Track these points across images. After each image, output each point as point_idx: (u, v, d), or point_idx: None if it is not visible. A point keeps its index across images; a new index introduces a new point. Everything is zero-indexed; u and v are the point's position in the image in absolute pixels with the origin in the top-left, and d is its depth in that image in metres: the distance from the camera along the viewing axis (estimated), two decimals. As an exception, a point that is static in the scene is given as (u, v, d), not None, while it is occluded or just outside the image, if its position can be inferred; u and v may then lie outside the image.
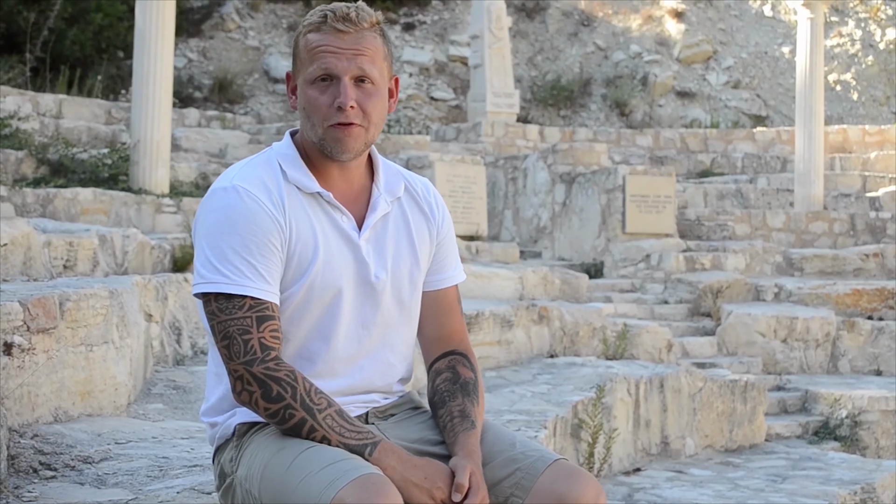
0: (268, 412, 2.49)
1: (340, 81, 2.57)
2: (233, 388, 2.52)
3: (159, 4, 11.22)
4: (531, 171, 15.56)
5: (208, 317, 2.55)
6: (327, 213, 2.63)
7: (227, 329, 2.51)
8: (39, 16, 17.49)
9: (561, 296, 10.72)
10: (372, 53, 2.59)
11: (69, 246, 6.20)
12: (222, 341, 2.51)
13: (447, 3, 23.95)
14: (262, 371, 2.48)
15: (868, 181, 17.24)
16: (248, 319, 2.50)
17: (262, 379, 2.48)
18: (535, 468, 2.54)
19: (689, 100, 22.73)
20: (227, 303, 2.51)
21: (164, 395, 5.05)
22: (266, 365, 2.49)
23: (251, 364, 2.48)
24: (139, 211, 10.63)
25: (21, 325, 3.74)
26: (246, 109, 20.57)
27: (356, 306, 2.65)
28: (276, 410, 2.48)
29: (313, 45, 2.58)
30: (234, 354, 2.50)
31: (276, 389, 2.47)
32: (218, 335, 2.52)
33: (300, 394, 2.48)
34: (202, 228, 2.57)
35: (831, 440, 9.94)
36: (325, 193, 2.63)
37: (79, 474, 3.37)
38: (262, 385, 2.48)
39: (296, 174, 2.62)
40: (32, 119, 13.68)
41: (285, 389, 2.47)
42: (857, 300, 12.64)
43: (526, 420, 5.81)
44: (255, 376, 2.48)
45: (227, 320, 2.51)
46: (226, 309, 2.51)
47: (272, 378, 2.48)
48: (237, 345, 2.49)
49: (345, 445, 2.46)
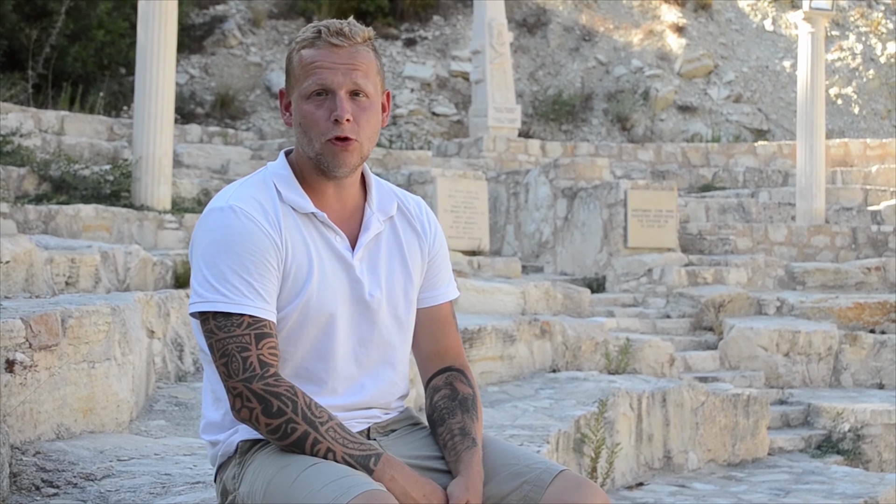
0: (269, 428, 2.49)
1: (336, 95, 2.59)
2: (232, 406, 2.52)
3: (161, 21, 11.25)
4: (533, 186, 15.57)
5: (206, 335, 2.55)
6: (321, 234, 2.64)
7: (225, 347, 2.51)
8: (41, 32, 17.53)
9: (563, 310, 10.72)
10: (366, 68, 2.61)
11: (71, 262, 6.21)
12: (221, 359, 2.52)
13: (448, 19, 23.99)
14: (261, 387, 2.48)
15: (869, 195, 17.24)
16: (247, 337, 2.51)
17: (262, 395, 2.48)
18: (542, 480, 2.54)
19: (690, 114, 22.75)
20: (225, 321, 2.52)
21: (166, 412, 5.05)
22: (265, 381, 2.49)
23: (250, 381, 2.48)
24: (141, 227, 10.64)
25: (23, 342, 3.74)
26: (248, 125, 20.59)
27: (352, 325, 2.65)
28: (278, 426, 2.48)
29: (308, 61, 2.60)
30: (232, 372, 2.50)
31: (276, 405, 2.48)
32: (216, 353, 2.52)
33: (301, 408, 2.48)
34: (199, 248, 2.58)
35: (834, 454, 9.93)
36: (319, 214, 2.64)
37: (81, 491, 3.36)
38: (262, 401, 2.48)
39: (291, 195, 2.63)
40: (34, 136, 13.69)
41: (286, 404, 2.48)
42: (860, 314, 12.63)
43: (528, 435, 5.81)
44: (254, 393, 2.48)
45: (225, 338, 2.51)
46: (224, 327, 2.52)
47: (272, 394, 2.48)
48: (236, 362, 2.49)
49: (349, 456, 2.46)
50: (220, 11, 22.84)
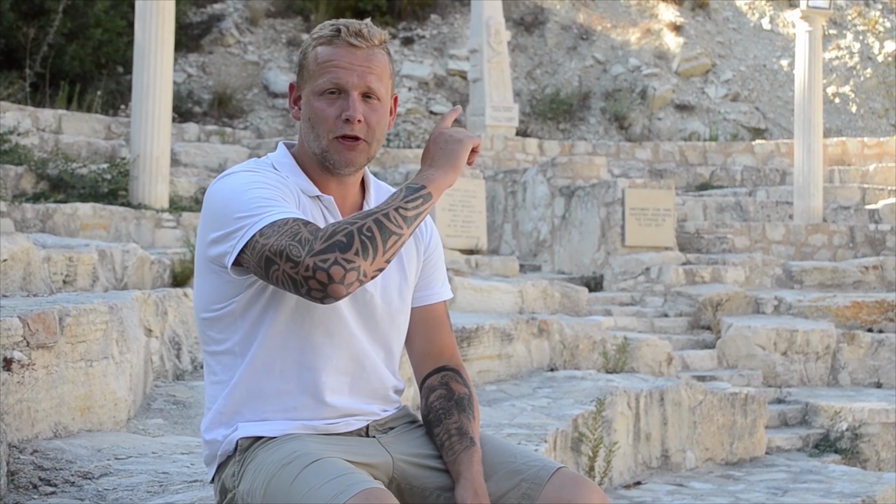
0: (357, 253, 2.36)
1: (350, 96, 2.60)
2: (319, 285, 2.36)
3: (159, 20, 11.25)
4: (530, 185, 15.57)
5: (255, 255, 2.42)
6: (326, 219, 2.65)
7: (279, 244, 2.39)
8: (39, 31, 17.52)
9: (561, 309, 10.72)
10: (380, 71, 2.62)
11: (69, 261, 6.20)
12: (277, 260, 2.39)
13: (446, 18, 23.99)
14: (321, 245, 2.37)
15: (867, 193, 17.25)
16: (296, 225, 2.42)
17: (329, 245, 2.36)
18: (540, 477, 2.55)
19: (687, 113, 22.75)
20: (270, 228, 2.42)
21: (163, 410, 5.05)
22: (317, 237, 2.38)
23: (312, 250, 2.37)
24: (139, 226, 10.64)
25: (21, 341, 3.74)
26: (245, 124, 20.58)
27: (350, 322, 2.65)
28: (359, 248, 2.36)
29: (324, 58, 2.60)
30: (295, 255, 2.37)
31: (340, 239, 2.36)
32: (274, 256, 2.39)
33: (345, 221, 2.40)
34: (219, 202, 2.52)
35: (832, 453, 9.93)
36: (325, 197, 2.65)
37: (79, 490, 3.36)
38: (332, 249, 2.36)
39: (296, 179, 2.64)
40: (32, 134, 13.69)
41: (345, 229, 2.38)
42: (857, 312, 12.63)
43: (526, 434, 5.81)
44: (322, 252, 2.36)
45: (275, 236, 2.41)
46: (271, 233, 2.41)
47: (330, 236, 2.37)
48: (295, 248, 2.37)
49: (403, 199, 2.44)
50: (217, 10, 22.83)
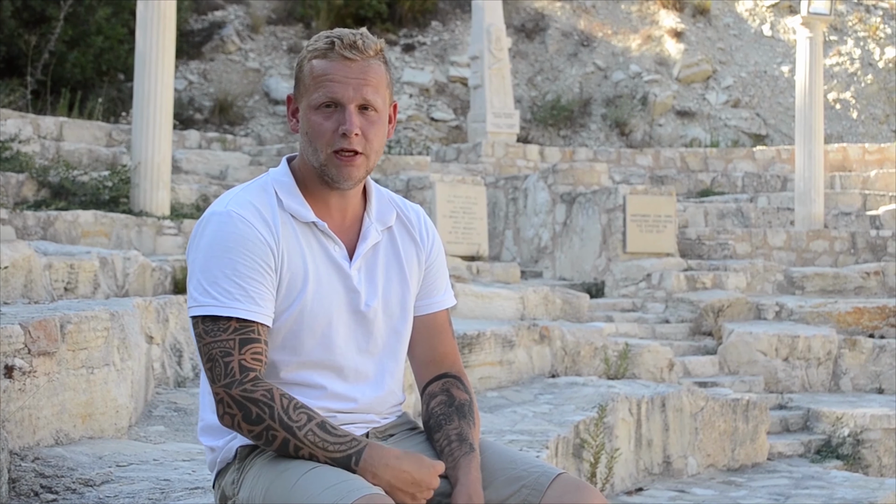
0: (252, 434, 2.50)
1: (346, 109, 2.59)
2: (217, 412, 2.53)
3: (160, 27, 11.25)
4: (532, 191, 15.57)
5: (196, 340, 2.57)
6: (320, 243, 2.65)
7: (210, 351, 2.52)
8: (40, 39, 17.54)
9: (562, 315, 10.72)
10: (376, 82, 2.62)
11: (70, 268, 6.20)
12: (207, 364, 2.53)
13: (447, 24, 24.01)
14: (240, 393, 2.49)
15: (868, 199, 17.26)
16: (232, 342, 2.52)
17: (241, 401, 2.49)
18: (541, 483, 2.55)
19: (688, 119, 22.76)
20: (213, 325, 2.53)
21: (165, 417, 5.05)
22: (244, 387, 2.49)
23: (230, 386, 2.49)
24: (140, 233, 10.63)
25: (22, 348, 3.74)
26: (246, 131, 20.59)
27: (349, 334, 2.66)
28: (260, 432, 2.49)
29: (319, 72, 2.60)
30: (216, 377, 2.51)
31: (255, 411, 2.48)
32: (204, 358, 2.54)
33: (278, 413, 2.48)
34: (195, 252, 2.59)
35: (834, 459, 9.92)
36: (320, 223, 2.65)
37: (80, 497, 3.36)
38: (241, 407, 2.49)
39: (292, 203, 2.64)
40: (33, 142, 13.69)
41: (263, 410, 2.48)
42: (859, 318, 12.63)
43: (528, 440, 5.81)
44: (234, 399, 2.49)
45: (211, 343, 2.52)
46: (211, 331, 2.53)
47: (250, 400, 2.48)
48: (219, 367, 2.51)
49: (332, 460, 2.47)
50: (218, 17, 22.86)
